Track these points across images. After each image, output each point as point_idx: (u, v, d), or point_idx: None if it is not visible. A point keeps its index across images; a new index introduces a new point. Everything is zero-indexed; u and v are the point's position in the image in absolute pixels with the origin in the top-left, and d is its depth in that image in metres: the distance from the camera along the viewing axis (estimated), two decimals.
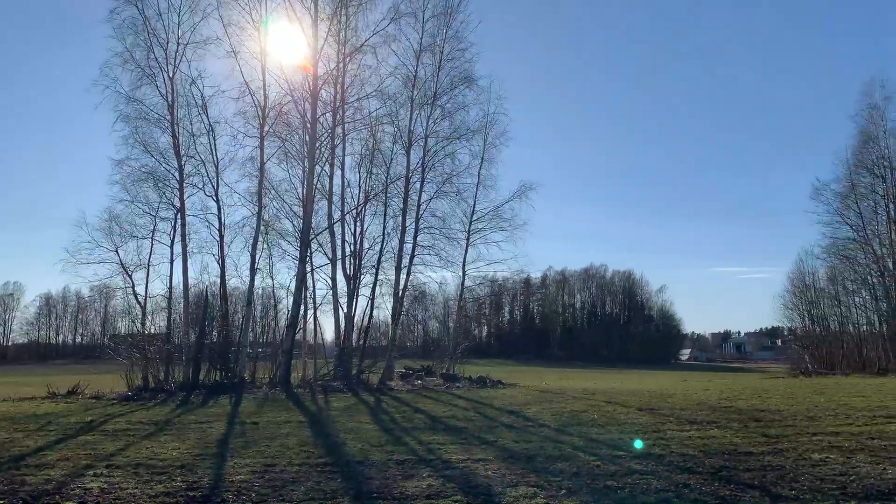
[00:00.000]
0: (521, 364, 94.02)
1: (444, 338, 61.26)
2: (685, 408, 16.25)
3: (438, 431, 12.52)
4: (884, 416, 13.97)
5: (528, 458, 9.59)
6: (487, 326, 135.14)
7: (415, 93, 28.66)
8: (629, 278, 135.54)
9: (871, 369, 40.41)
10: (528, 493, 7.52)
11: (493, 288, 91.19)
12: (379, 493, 7.57)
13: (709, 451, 10.06)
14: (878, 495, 7.31)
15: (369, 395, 20.72)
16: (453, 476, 8.43)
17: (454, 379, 26.81)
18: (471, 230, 31.78)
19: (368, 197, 28.40)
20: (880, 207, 43.83)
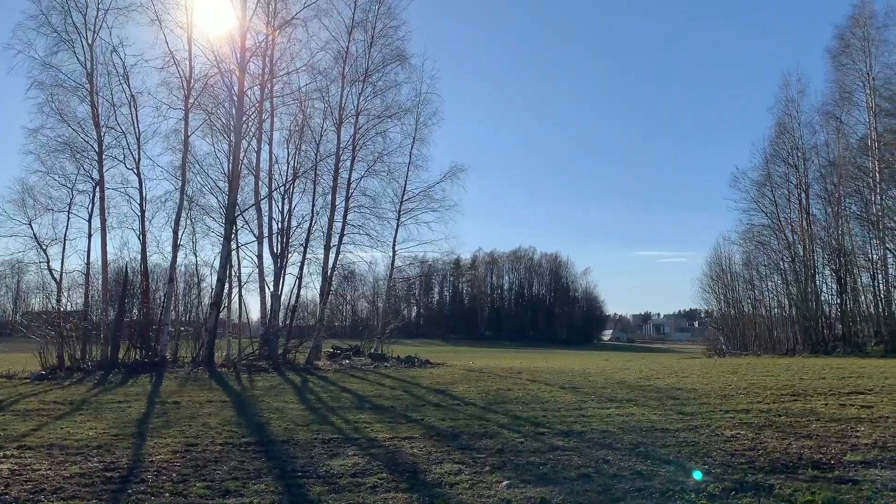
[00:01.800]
0: (449, 344, 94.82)
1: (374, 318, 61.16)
2: (606, 386, 16.73)
3: (365, 410, 12.52)
4: (790, 394, 14.72)
5: (453, 436, 9.71)
6: (417, 307, 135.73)
7: (346, 69, 28.32)
8: (556, 261, 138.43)
9: (781, 350, 42.53)
10: (452, 469, 7.62)
11: (424, 268, 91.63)
12: (304, 472, 7.54)
13: (628, 427, 10.40)
14: (782, 468, 7.71)
15: (295, 374, 20.52)
16: (379, 454, 8.47)
17: (382, 359, 26.82)
18: (401, 210, 31.82)
19: (297, 174, 27.94)
20: (793, 196, 45.94)
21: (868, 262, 40.79)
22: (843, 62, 42.58)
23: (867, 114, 41.51)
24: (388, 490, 6.80)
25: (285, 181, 27.84)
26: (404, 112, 30.61)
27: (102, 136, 24.47)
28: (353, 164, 28.81)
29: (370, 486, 6.92)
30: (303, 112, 27.83)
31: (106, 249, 24.57)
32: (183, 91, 24.62)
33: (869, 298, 40.61)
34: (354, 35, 28.40)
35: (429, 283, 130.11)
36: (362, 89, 28.72)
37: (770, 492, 6.68)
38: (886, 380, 17.66)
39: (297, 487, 6.93)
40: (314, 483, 7.09)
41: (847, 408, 12.43)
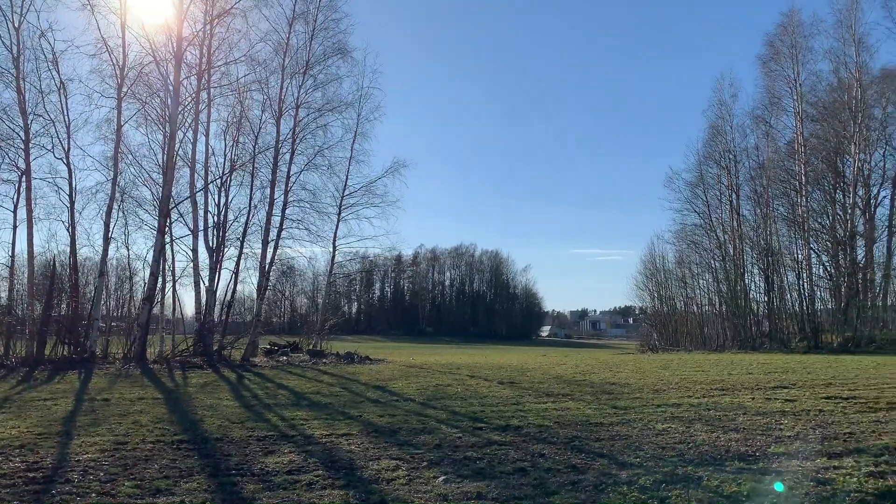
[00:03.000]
0: (390, 340, 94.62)
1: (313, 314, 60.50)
2: (543, 381, 16.96)
3: (302, 407, 12.38)
4: (719, 388, 15.21)
5: (392, 432, 9.69)
6: (358, 303, 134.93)
7: (286, 61, 27.87)
8: (497, 258, 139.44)
9: (711, 346, 43.89)
10: (390, 465, 7.61)
11: (365, 264, 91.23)
12: (238, 470, 7.41)
13: (563, 422, 10.57)
14: (711, 461, 7.95)
15: (231, 371, 20.14)
16: (315, 451, 8.38)
17: (321, 355, 26.55)
18: (342, 205, 31.56)
19: (234, 166, 27.37)
20: (724, 197, 47.48)
21: (794, 262, 42.45)
22: (772, 68, 44.20)
23: (794, 119, 43.22)
24: (325, 487, 6.74)
25: (222, 174, 27.27)
26: (346, 106, 30.36)
27: (29, 124, 23.45)
28: (293, 157, 28.41)
29: (306, 484, 6.84)
30: (241, 104, 27.33)
31: (32, 241, 23.59)
32: (116, 79, 23.85)
33: (794, 297, 42.29)
34: (295, 27, 28.00)
35: (370, 279, 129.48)
36: (303, 82, 28.34)
37: (699, 483, 6.88)
38: (809, 375, 18.42)
39: (230, 486, 6.80)
40: (248, 481, 6.97)
41: (772, 402, 12.91)
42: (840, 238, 39.29)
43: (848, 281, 38.45)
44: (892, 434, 9.53)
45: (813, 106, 42.06)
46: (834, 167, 40.12)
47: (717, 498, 6.42)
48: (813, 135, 41.75)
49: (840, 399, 13.14)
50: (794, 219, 42.03)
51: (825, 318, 40.77)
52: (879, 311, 38.62)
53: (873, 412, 11.60)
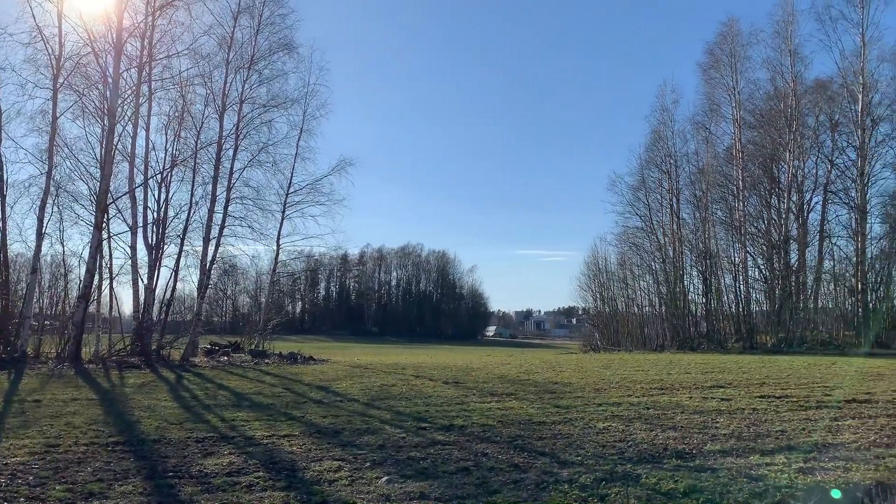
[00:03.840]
0: (335, 340, 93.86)
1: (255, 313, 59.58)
2: (487, 381, 17.05)
3: (243, 408, 12.16)
4: (658, 388, 15.55)
5: (335, 433, 9.60)
6: (302, 302, 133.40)
7: (231, 55, 27.38)
8: (444, 258, 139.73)
9: (651, 346, 44.87)
10: (332, 466, 7.53)
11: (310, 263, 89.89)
12: (175, 472, 7.23)
13: (507, 421, 10.65)
14: (650, 458, 8.12)
15: (170, 371, 19.66)
16: (256, 453, 8.24)
17: (263, 355, 26.15)
18: (287, 203, 31.15)
19: (175, 162, 26.71)
20: (665, 201, 48.62)
21: (731, 265, 43.76)
22: (712, 76, 45.47)
23: (733, 125, 44.57)
24: (265, 489, 6.63)
25: (163, 169, 26.57)
26: (291, 102, 29.99)
27: None
28: (237, 153, 27.90)
29: (246, 486, 6.72)
30: (183, 98, 26.68)
31: None
32: (52, 69, 23.00)
33: (731, 298, 43.59)
34: (240, 21, 27.54)
35: (315, 279, 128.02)
36: (247, 77, 27.88)
37: (637, 481, 7.01)
38: (744, 374, 18.99)
39: (167, 488, 6.63)
40: (186, 483, 6.81)
41: (709, 401, 13.26)
42: (775, 242, 40.65)
43: (782, 283, 39.79)
44: (821, 432, 9.90)
45: (750, 113, 43.46)
46: (770, 173, 41.48)
47: (655, 495, 6.55)
48: (750, 141, 43.11)
49: (773, 398, 13.59)
50: (731, 223, 43.31)
51: (760, 320, 42.11)
52: (811, 313, 40.08)
53: (804, 410, 12.03)
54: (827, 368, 21.13)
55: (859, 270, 37.84)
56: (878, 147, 39.00)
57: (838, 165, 40.38)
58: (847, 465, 7.76)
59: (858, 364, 23.09)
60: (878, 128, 38.95)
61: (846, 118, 39.67)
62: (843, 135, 40.22)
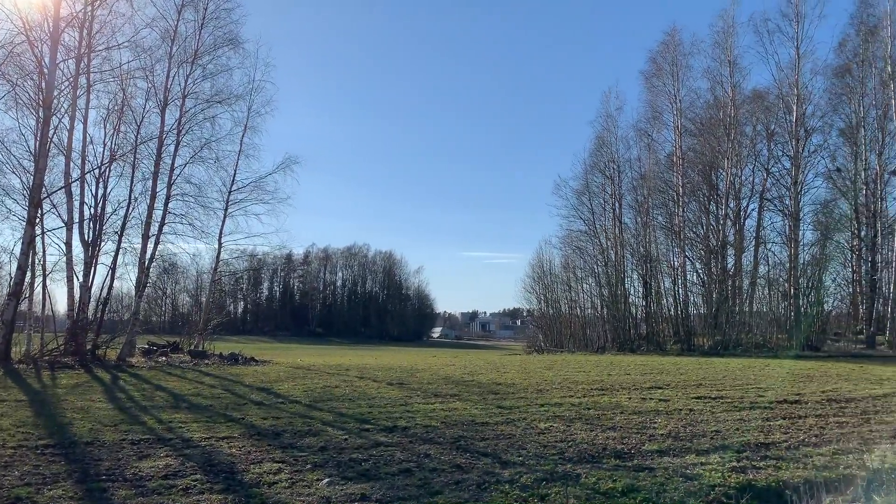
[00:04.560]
0: (278, 341, 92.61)
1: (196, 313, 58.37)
2: (432, 382, 17.06)
3: (181, 409, 11.88)
4: (599, 388, 15.82)
5: (275, 435, 9.46)
6: (245, 302, 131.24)
7: (174, 49, 26.72)
8: (390, 258, 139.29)
9: (593, 347, 45.56)
10: (272, 468, 7.43)
11: (253, 262, 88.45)
12: (109, 476, 7.02)
13: (450, 422, 10.67)
14: (589, 458, 8.25)
15: (105, 372, 19.07)
16: (194, 455, 8.07)
17: (203, 356, 25.60)
18: (230, 200, 30.53)
19: (114, 156, 25.90)
20: (608, 205, 49.48)
21: (670, 269, 44.81)
22: (654, 84, 46.51)
23: (674, 133, 45.70)
24: (202, 492, 6.50)
25: (101, 163, 25.75)
26: (236, 98, 29.44)
27: None
28: (178, 149, 27.25)
29: (182, 489, 6.58)
30: (123, 91, 25.90)
31: None
32: None
33: (670, 301, 44.62)
34: (184, 14, 26.90)
35: (258, 278, 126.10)
36: (191, 71, 27.26)
37: (577, 481, 7.12)
38: (681, 376, 19.46)
39: (99, 492, 6.44)
40: (120, 487, 6.62)
41: (647, 401, 13.55)
42: (712, 247, 41.78)
43: (718, 288, 40.93)
44: (753, 432, 10.21)
45: (691, 121, 44.64)
46: (708, 180, 42.64)
47: (595, 494, 6.66)
48: (690, 149, 44.27)
49: (709, 399, 13.96)
50: (671, 228, 44.36)
51: (697, 322, 43.18)
52: (746, 317, 41.30)
53: (738, 411, 12.40)
54: (760, 370, 21.81)
55: (792, 275, 39.22)
56: (811, 157, 40.58)
57: (774, 174, 41.81)
58: (778, 464, 8.03)
59: (790, 366, 23.91)
60: (811, 138, 40.51)
61: (781, 128, 41.10)
62: (779, 144, 41.67)
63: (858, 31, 40.42)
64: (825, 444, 9.35)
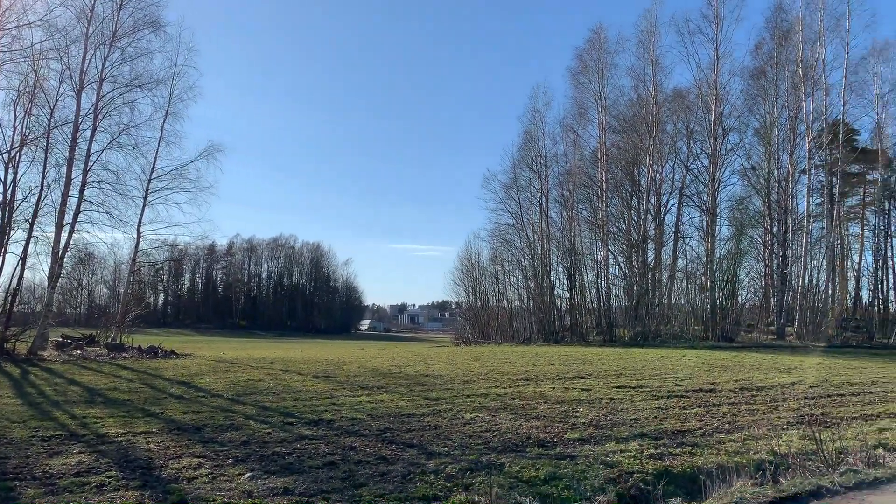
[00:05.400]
0: (200, 334, 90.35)
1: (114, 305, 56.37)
2: (359, 375, 16.99)
3: (96, 405, 11.45)
4: (524, 379, 16.08)
5: (196, 429, 9.23)
6: (165, 294, 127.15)
7: (91, 30, 25.61)
8: (318, 250, 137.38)
9: (519, 339, 46.20)
10: (192, 464, 7.25)
11: (174, 253, 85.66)
12: (16, 474, 6.70)
13: (376, 414, 10.64)
14: (513, 447, 8.38)
15: (14, 366, 18.21)
16: (109, 451, 7.79)
17: (121, 349, 24.74)
18: (149, 189, 29.46)
19: (25, 140, 24.64)
20: (535, 199, 50.16)
21: (594, 262, 45.88)
22: (581, 81, 47.32)
23: (599, 129, 46.65)
24: (117, 489, 6.29)
25: (10, 147, 24.47)
26: (156, 83, 28.41)
27: None
28: (95, 134, 26.15)
29: (96, 486, 6.34)
30: (35, 72, 24.64)
31: None
32: None
33: (593, 294, 45.66)
34: None
35: (179, 269, 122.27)
36: (109, 54, 26.20)
37: (501, 470, 7.22)
38: (603, 365, 19.98)
39: (5, 491, 6.14)
40: (28, 485, 6.33)
41: (570, 391, 13.86)
42: (634, 241, 42.99)
43: (639, 280, 42.15)
44: (670, 419, 10.58)
45: (615, 118, 45.70)
46: (631, 176, 43.81)
47: (518, 483, 6.77)
48: (614, 145, 45.33)
49: (629, 388, 14.39)
50: (595, 222, 45.36)
51: (619, 314, 44.36)
52: (665, 309, 42.68)
53: (656, 399, 12.82)
54: (678, 360, 22.61)
55: (708, 269, 40.78)
56: (728, 155, 42.32)
57: (692, 171, 43.39)
58: (693, 451, 8.34)
59: (705, 356, 24.87)
60: (728, 137, 42.27)
61: (700, 127, 42.63)
62: (698, 142, 43.25)
63: (773, 34, 42.14)
64: (737, 430, 9.77)
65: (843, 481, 7.20)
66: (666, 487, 6.97)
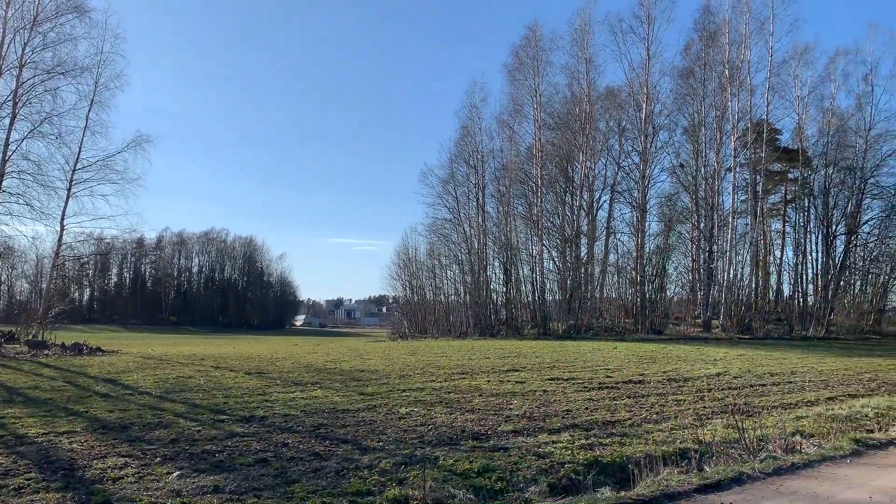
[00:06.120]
0: (128, 330, 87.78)
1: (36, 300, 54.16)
2: (293, 370, 16.77)
3: (16, 404, 10.97)
4: (460, 372, 16.17)
5: (122, 428, 8.96)
6: (91, 289, 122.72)
7: (9, 13, 24.55)
8: (251, 244, 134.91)
9: (456, 333, 46.55)
10: (118, 463, 7.03)
11: (100, 246, 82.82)
12: None
13: (310, 410, 10.54)
14: (448, 441, 8.43)
15: None
16: (29, 452, 7.48)
17: (43, 346, 23.78)
18: (74, 180, 28.39)
19: None
20: (472, 195, 50.55)
21: (529, 257, 46.54)
22: (517, 77, 47.80)
23: (534, 126, 47.20)
24: (37, 491, 6.06)
25: None
26: (81, 70, 27.37)
27: None
28: (14, 122, 25.04)
29: (14, 488, 6.09)
30: None
31: None
32: None
33: (528, 288, 46.34)
34: None
35: (106, 264, 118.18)
36: (29, 38, 25.13)
37: (436, 463, 7.25)
38: (537, 358, 20.29)
39: None
40: None
41: (505, 384, 14.02)
42: (567, 236, 43.75)
43: (572, 275, 42.94)
44: (601, 410, 10.83)
45: (550, 115, 46.37)
46: (565, 173, 44.58)
47: (452, 476, 6.82)
48: (549, 142, 45.99)
49: (562, 380, 14.66)
50: (530, 217, 45.98)
51: (553, 308, 45.12)
52: (597, 302, 43.66)
53: (588, 391, 13.11)
54: (609, 353, 23.15)
55: (639, 264, 41.89)
56: (658, 153, 43.59)
57: (624, 168, 44.50)
58: (622, 441, 8.56)
59: (635, 348, 25.55)
60: (658, 135, 43.50)
61: (632, 125, 43.72)
62: (629, 140, 44.38)
63: (701, 36, 43.45)
64: (665, 420, 10.08)
65: (762, 468, 7.52)
66: (596, 477, 7.14)
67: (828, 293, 44.78)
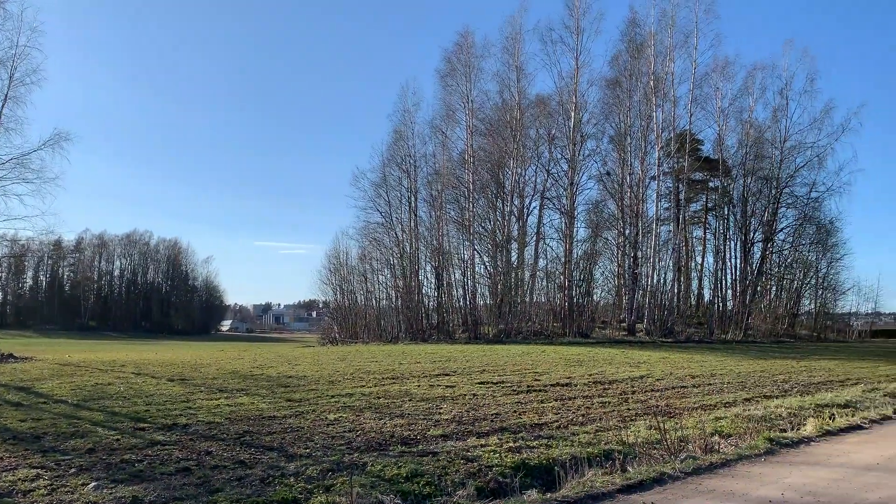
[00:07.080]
0: (44, 336, 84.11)
1: None
2: (217, 377, 16.37)
3: None
4: (390, 378, 16.12)
5: (35, 438, 8.56)
6: (4, 293, 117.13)
7: None
8: (175, 247, 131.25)
9: (387, 337, 46.31)
10: (29, 475, 6.71)
11: (14, 248, 79.11)
12: None
13: (235, 418, 10.30)
14: (377, 446, 8.38)
15: None
16: None
17: None
18: None
19: None
20: (405, 199, 50.42)
21: (460, 261, 46.81)
22: (449, 83, 48.06)
23: (466, 132, 47.55)
24: None
25: None
26: None
27: None
28: None
29: None
30: None
31: None
32: None
33: (459, 292, 46.61)
34: None
35: (20, 266, 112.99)
36: None
37: (364, 469, 7.20)
38: (468, 363, 20.40)
39: None
40: None
41: (435, 388, 14.05)
42: (498, 241, 44.22)
43: (503, 279, 43.42)
44: (529, 413, 10.97)
45: (481, 122, 46.81)
46: (496, 178, 45.05)
47: (380, 481, 6.78)
48: (481, 147, 46.40)
49: (491, 384, 14.78)
50: (462, 222, 46.27)
51: (484, 312, 45.50)
52: (527, 306, 44.25)
53: (517, 394, 13.26)
54: (538, 356, 23.49)
55: (567, 269, 42.70)
56: (586, 160, 44.69)
57: (553, 174, 45.33)
58: (549, 443, 8.69)
59: (563, 352, 26.01)
60: (586, 143, 44.58)
61: (561, 133, 44.62)
62: (558, 147, 45.26)
63: (628, 47, 44.74)
64: (590, 422, 10.29)
65: (683, 467, 7.76)
66: (523, 479, 7.23)
67: (745, 298, 46.74)
